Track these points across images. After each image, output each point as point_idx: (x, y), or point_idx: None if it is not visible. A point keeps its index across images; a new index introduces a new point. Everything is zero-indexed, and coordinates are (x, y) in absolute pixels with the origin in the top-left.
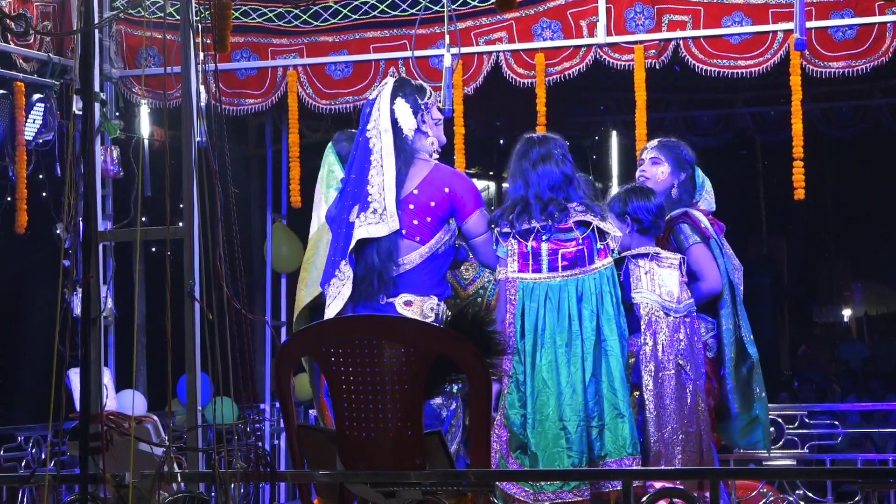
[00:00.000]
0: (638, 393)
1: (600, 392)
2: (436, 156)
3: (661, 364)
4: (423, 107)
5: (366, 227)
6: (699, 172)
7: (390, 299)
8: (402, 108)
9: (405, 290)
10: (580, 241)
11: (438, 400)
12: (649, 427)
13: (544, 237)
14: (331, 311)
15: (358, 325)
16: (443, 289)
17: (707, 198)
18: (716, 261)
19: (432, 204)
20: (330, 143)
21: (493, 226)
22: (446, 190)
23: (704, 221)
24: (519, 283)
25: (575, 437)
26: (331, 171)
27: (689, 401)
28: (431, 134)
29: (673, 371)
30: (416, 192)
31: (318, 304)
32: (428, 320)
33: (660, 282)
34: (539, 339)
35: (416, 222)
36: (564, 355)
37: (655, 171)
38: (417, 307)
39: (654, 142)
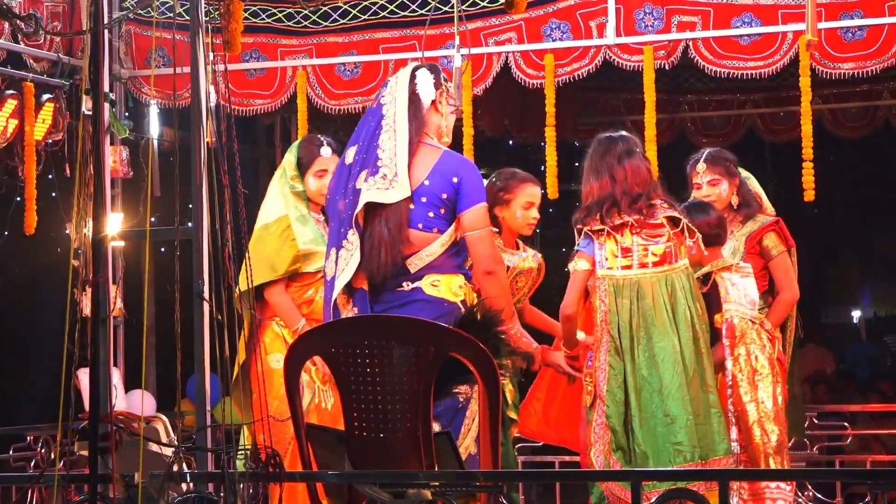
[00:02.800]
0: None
1: (697, 389)
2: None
3: (758, 371)
4: (444, 86)
5: (374, 192)
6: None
7: (416, 283)
8: (425, 78)
9: (430, 272)
10: (670, 236)
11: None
12: (756, 431)
13: (636, 231)
14: (340, 283)
15: (367, 326)
16: (465, 270)
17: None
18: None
19: (444, 196)
20: (295, 144)
21: (578, 224)
22: (455, 179)
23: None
24: (609, 279)
25: (684, 434)
26: (285, 171)
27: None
28: (445, 117)
29: (769, 376)
30: (427, 183)
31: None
32: (457, 299)
33: (744, 291)
34: (635, 336)
35: (431, 215)
36: (662, 351)
37: (718, 191)
38: (446, 286)
39: (703, 164)
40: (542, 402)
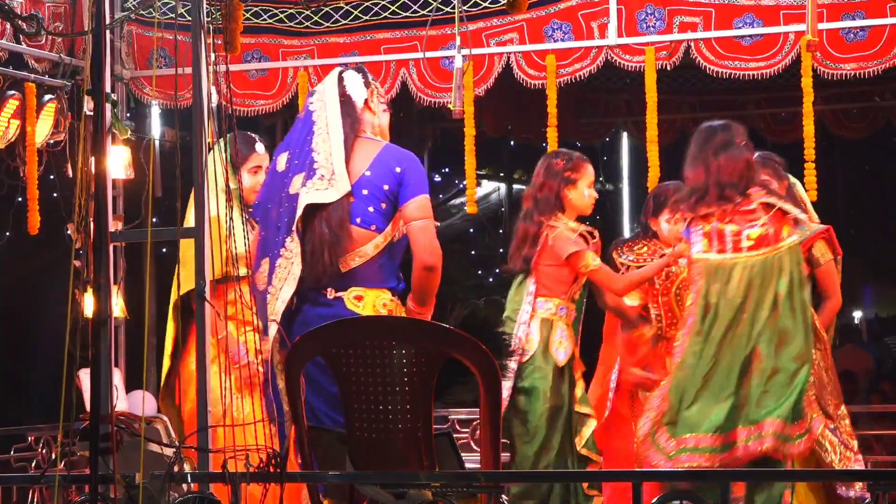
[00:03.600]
0: None
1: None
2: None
3: None
4: (373, 84)
5: (313, 193)
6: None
7: (339, 294)
8: (353, 79)
9: (355, 283)
10: (764, 221)
11: None
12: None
13: (729, 219)
14: (284, 295)
15: (368, 326)
16: (396, 282)
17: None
18: None
19: (386, 188)
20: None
21: (675, 213)
22: (398, 169)
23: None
24: (704, 263)
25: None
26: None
27: None
28: (378, 116)
29: None
30: (368, 173)
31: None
32: None
33: None
34: (718, 316)
35: (371, 209)
36: (739, 332)
37: None
38: (369, 302)
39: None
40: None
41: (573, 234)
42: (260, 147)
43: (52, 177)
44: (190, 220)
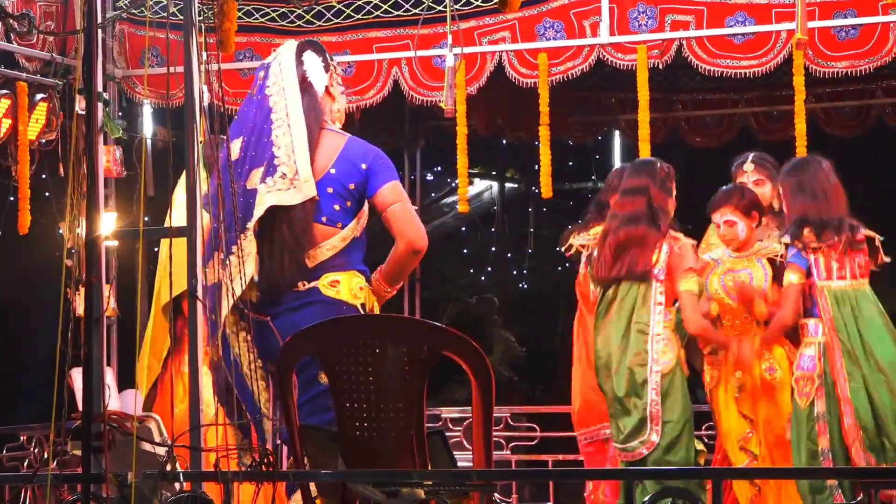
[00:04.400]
0: None
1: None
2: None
3: None
4: (332, 65)
5: (275, 194)
6: None
7: (312, 283)
8: (313, 62)
9: (327, 270)
10: (867, 253)
11: None
12: None
13: (845, 249)
14: (236, 294)
15: (361, 325)
16: (365, 269)
17: None
18: None
19: (352, 186)
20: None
21: (794, 240)
22: (363, 167)
23: None
24: (828, 289)
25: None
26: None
27: None
28: (337, 101)
29: None
30: (333, 171)
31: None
32: (357, 302)
33: None
34: (862, 342)
35: (337, 208)
36: (885, 356)
37: (762, 191)
38: (346, 286)
39: (750, 164)
40: None
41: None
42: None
43: (43, 176)
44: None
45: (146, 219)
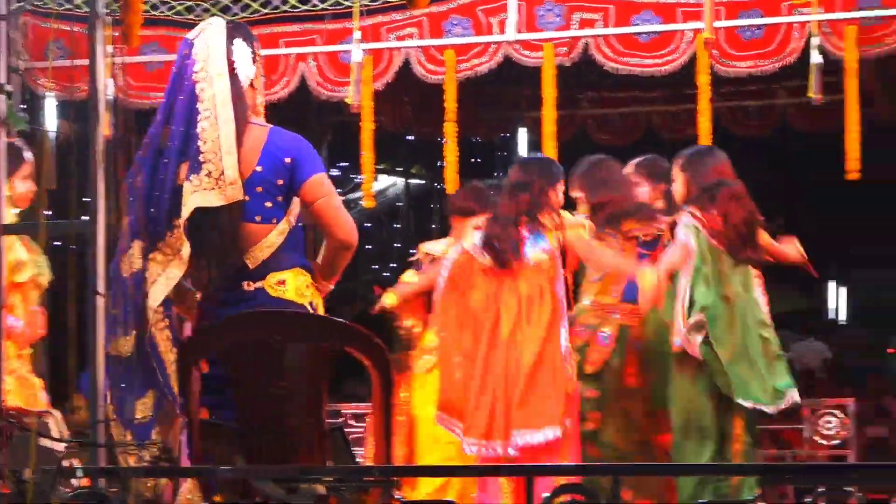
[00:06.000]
0: None
1: None
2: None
3: None
4: (258, 57)
5: (200, 195)
6: None
7: (258, 283)
8: (242, 52)
9: (271, 269)
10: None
11: None
12: None
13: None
14: (157, 293)
15: (262, 321)
16: (308, 265)
17: None
18: None
19: (280, 182)
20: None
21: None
22: (288, 160)
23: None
24: None
25: None
26: None
27: None
28: (260, 91)
29: None
30: (259, 169)
31: None
32: (304, 301)
33: None
34: None
35: (269, 205)
36: None
37: (640, 192)
38: (292, 285)
39: (630, 165)
40: None
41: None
42: (28, 155)
43: None
44: None
45: (48, 213)
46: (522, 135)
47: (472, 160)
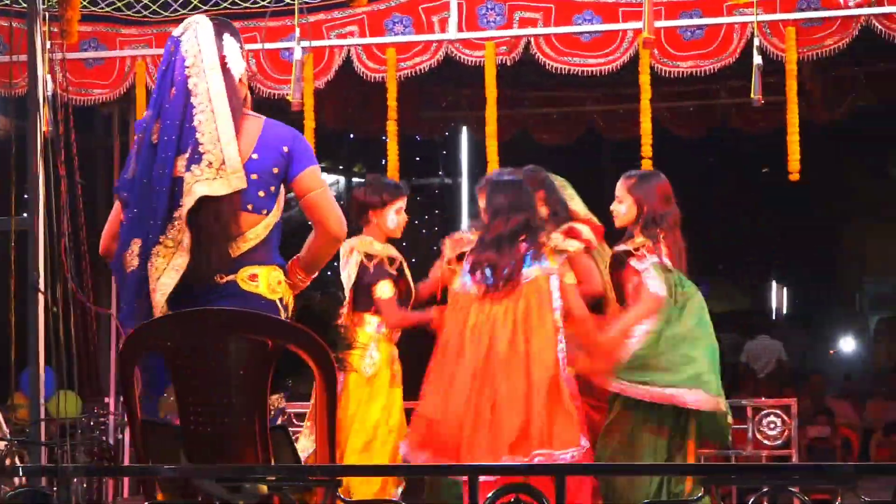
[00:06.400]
0: None
1: None
2: None
3: None
4: (245, 52)
5: (204, 183)
6: (555, 178)
7: (230, 276)
8: (232, 47)
9: (246, 263)
10: None
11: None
12: None
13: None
14: (164, 287)
15: (204, 318)
16: (282, 262)
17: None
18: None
19: (275, 171)
20: None
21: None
22: (285, 149)
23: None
24: None
25: None
26: None
27: None
28: (246, 85)
29: None
30: (255, 157)
31: None
32: (275, 297)
33: None
34: None
35: (262, 194)
36: None
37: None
38: (264, 280)
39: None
40: None
41: None
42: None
43: None
44: None
45: None
46: (464, 134)
47: (415, 158)
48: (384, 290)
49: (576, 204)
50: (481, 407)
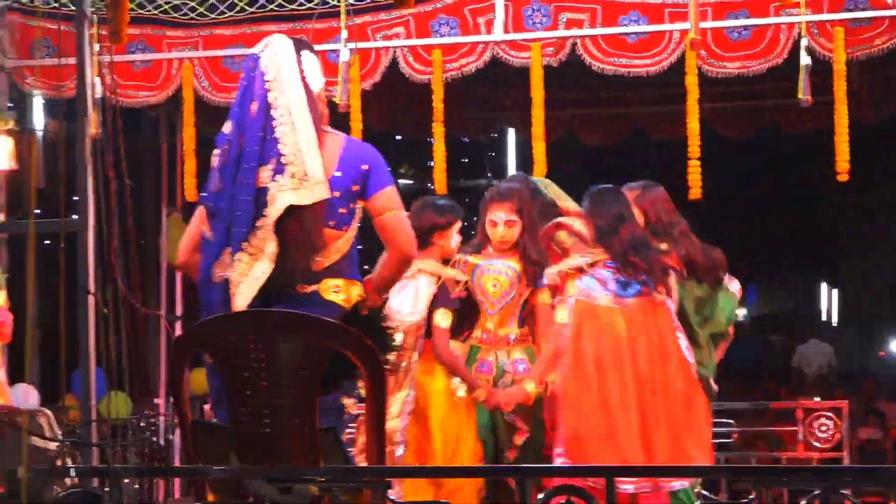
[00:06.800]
0: None
1: None
2: None
3: None
4: (321, 69)
5: (289, 193)
6: (538, 180)
7: (313, 286)
8: (311, 63)
9: (329, 276)
10: None
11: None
12: None
13: None
14: (248, 292)
15: (255, 320)
16: (360, 278)
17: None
18: None
19: (355, 188)
20: None
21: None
22: (364, 167)
23: (576, 225)
24: None
25: None
26: None
27: None
28: (325, 103)
29: None
30: (338, 174)
31: None
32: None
33: None
34: None
35: (343, 211)
36: None
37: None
38: (346, 294)
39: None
40: None
41: None
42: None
43: None
44: None
45: (37, 212)
46: (511, 135)
47: (462, 160)
48: (442, 319)
49: (565, 201)
50: (641, 426)
